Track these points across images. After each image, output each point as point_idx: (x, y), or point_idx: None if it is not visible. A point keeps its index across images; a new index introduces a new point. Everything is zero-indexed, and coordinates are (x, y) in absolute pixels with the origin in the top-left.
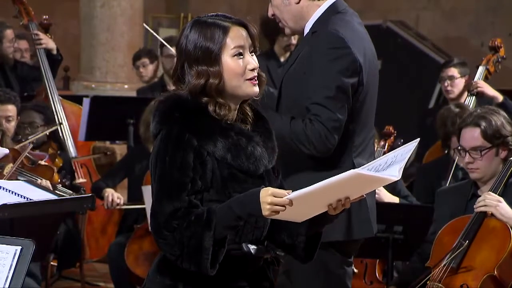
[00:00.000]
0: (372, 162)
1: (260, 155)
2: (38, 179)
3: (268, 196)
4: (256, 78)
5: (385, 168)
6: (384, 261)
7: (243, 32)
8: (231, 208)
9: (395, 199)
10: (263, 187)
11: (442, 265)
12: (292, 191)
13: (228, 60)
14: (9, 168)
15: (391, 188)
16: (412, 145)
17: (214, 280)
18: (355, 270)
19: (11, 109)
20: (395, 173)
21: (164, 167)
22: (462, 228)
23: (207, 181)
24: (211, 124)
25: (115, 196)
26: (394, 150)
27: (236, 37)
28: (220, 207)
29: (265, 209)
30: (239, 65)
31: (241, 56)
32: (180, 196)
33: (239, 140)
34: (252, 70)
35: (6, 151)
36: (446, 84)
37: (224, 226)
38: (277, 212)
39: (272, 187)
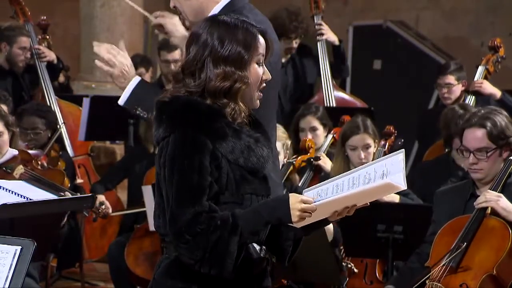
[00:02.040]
0: (356, 169)
1: (267, 156)
2: None
3: (299, 203)
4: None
5: (381, 177)
6: (384, 261)
7: (263, 41)
8: (259, 214)
9: (396, 197)
10: (289, 194)
11: (442, 264)
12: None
13: (254, 66)
14: (19, 170)
15: None
16: (399, 155)
17: (225, 283)
18: (355, 270)
19: (3, 108)
20: (400, 182)
21: (183, 170)
22: (461, 228)
23: (222, 183)
24: (225, 127)
25: (104, 206)
26: (375, 160)
27: (261, 44)
28: (244, 212)
29: (295, 216)
30: (259, 73)
31: (261, 65)
32: (201, 200)
33: (250, 142)
34: (265, 80)
35: (15, 152)
36: (443, 91)
37: (250, 231)
38: (304, 218)
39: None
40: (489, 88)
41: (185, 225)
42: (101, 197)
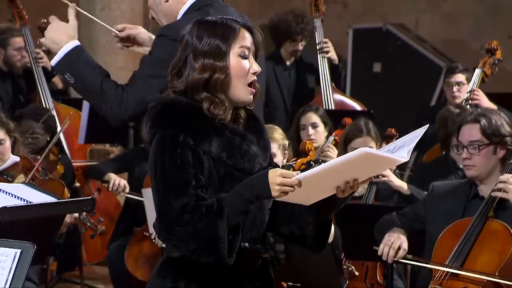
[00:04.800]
0: (383, 147)
1: (255, 153)
2: None
3: (277, 176)
4: (254, 86)
5: (395, 151)
6: (385, 264)
7: (249, 36)
8: (240, 193)
9: (403, 184)
10: (270, 168)
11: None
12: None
13: (234, 58)
14: (20, 179)
15: (391, 190)
16: (421, 130)
17: (213, 279)
18: (356, 273)
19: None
20: (403, 155)
21: (164, 168)
22: (464, 230)
23: (205, 179)
24: (205, 124)
25: (121, 182)
26: (404, 136)
27: (243, 38)
28: (228, 195)
29: (274, 190)
30: (243, 66)
31: (246, 58)
32: (186, 191)
33: (234, 139)
34: (254, 73)
35: (17, 159)
36: (454, 89)
37: (235, 212)
38: (286, 192)
39: None
40: (485, 102)
41: (174, 218)
42: (114, 175)
